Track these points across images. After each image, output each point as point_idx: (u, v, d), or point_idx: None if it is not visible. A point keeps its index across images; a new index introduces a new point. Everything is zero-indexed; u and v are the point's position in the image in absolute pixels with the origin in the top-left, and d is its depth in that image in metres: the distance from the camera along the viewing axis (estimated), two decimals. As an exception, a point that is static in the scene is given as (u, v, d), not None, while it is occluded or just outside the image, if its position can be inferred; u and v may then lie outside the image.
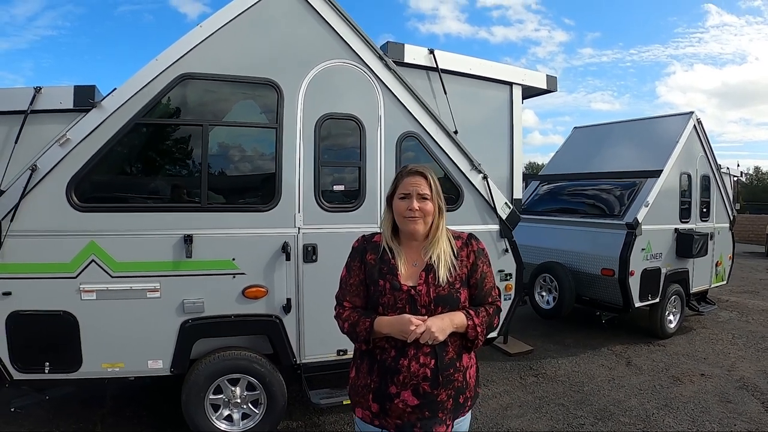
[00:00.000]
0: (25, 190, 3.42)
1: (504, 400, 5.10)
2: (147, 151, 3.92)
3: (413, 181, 2.11)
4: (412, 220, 2.08)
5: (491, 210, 4.69)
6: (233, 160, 4.10)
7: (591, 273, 7.00)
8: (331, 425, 4.45)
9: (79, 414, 4.43)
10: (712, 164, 8.18)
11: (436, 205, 2.12)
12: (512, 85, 4.90)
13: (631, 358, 6.47)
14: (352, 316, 2.10)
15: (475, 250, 2.18)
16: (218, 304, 3.82)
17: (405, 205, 2.09)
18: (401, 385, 2.00)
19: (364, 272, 2.15)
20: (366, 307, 2.14)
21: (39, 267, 3.49)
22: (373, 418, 2.10)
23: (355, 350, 2.22)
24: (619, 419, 4.72)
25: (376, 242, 2.20)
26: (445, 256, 2.10)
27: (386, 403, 2.03)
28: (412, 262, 2.14)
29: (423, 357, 2.00)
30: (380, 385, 2.04)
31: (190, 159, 3.91)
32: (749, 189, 35.78)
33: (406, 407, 2.00)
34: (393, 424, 2.05)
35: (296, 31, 4.02)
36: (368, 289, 2.13)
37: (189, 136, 3.86)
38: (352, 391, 2.20)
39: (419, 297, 2.04)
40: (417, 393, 2.00)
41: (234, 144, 4.07)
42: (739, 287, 11.49)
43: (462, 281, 2.12)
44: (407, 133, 4.33)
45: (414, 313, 2.00)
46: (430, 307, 2.03)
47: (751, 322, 8.52)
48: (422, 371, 1.99)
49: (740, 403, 5.13)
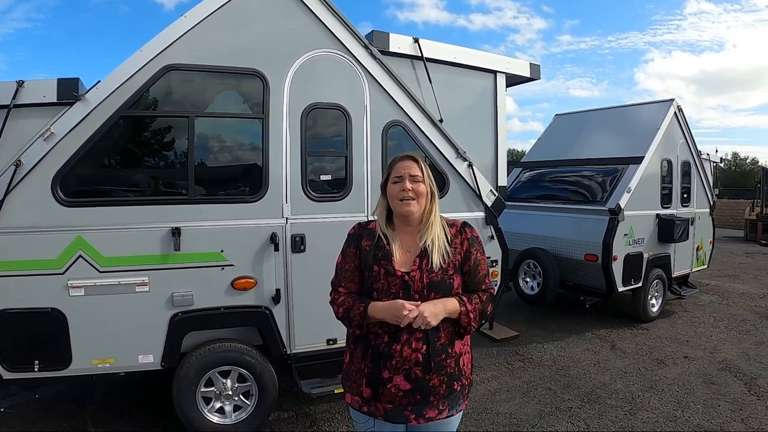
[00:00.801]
0: (9, 186, 3.36)
1: (492, 385, 5.17)
2: (133, 144, 3.87)
3: (404, 165, 2.18)
4: (406, 203, 2.12)
5: (477, 197, 4.73)
6: (220, 152, 4.07)
7: (574, 258, 7.09)
8: (322, 414, 4.47)
9: (70, 412, 4.39)
10: (692, 150, 8.30)
11: (428, 187, 2.17)
12: (496, 74, 4.92)
13: (615, 341, 6.58)
14: (347, 301, 2.13)
15: (469, 238, 2.23)
16: (208, 296, 3.81)
17: (398, 188, 2.14)
18: (394, 370, 2.03)
19: (359, 258, 2.18)
20: (361, 293, 2.17)
21: (25, 264, 3.44)
22: (362, 405, 2.14)
23: (348, 336, 2.25)
24: (606, 402, 4.81)
25: (371, 229, 2.23)
26: (439, 242, 2.14)
27: (379, 387, 2.06)
28: (406, 248, 2.17)
29: (415, 342, 2.03)
30: (373, 370, 2.07)
31: (177, 151, 3.87)
32: (727, 174, 36.34)
33: (398, 392, 2.04)
34: (383, 409, 2.09)
35: (281, 21, 3.99)
36: (363, 275, 2.16)
37: (175, 128, 3.82)
38: (344, 376, 2.23)
39: (413, 283, 2.07)
40: (409, 378, 2.03)
41: (220, 135, 4.04)
42: (719, 271, 11.72)
43: (455, 268, 2.15)
44: (393, 122, 4.34)
45: (407, 299, 2.03)
46: (424, 292, 2.06)
47: (731, 305, 8.69)
48: (414, 356, 2.03)
49: (724, 384, 5.24)
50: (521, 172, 8.94)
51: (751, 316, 7.93)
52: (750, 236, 18.70)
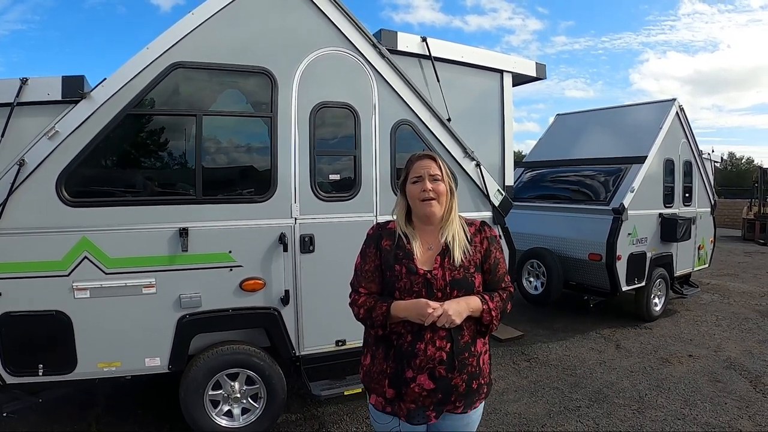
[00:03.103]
0: (12, 185, 3.29)
1: (499, 385, 5.14)
2: (139, 143, 3.81)
3: (423, 164, 2.16)
4: (427, 204, 2.11)
5: (484, 197, 4.69)
6: (227, 151, 4.01)
7: (578, 258, 7.07)
8: (330, 416, 4.43)
9: (74, 415, 4.33)
10: (694, 150, 8.30)
11: (447, 186, 2.16)
12: (503, 73, 4.88)
13: (620, 341, 6.57)
14: (368, 301, 2.10)
15: (489, 237, 2.23)
16: (216, 298, 3.75)
17: (419, 188, 2.13)
18: (418, 369, 2.02)
19: (379, 258, 2.15)
20: (382, 293, 2.14)
21: (29, 266, 3.37)
22: (386, 405, 2.12)
23: (367, 337, 2.23)
24: (614, 401, 4.80)
25: (391, 229, 2.21)
26: (459, 239, 2.14)
27: (402, 387, 2.04)
28: (427, 246, 2.16)
29: (439, 341, 2.02)
30: (396, 370, 2.06)
31: (184, 150, 3.82)
32: (724, 174, 36.42)
33: (422, 391, 2.03)
34: (406, 409, 2.07)
35: (290, 19, 3.95)
36: (384, 275, 2.13)
37: (182, 127, 3.77)
38: (366, 377, 2.21)
39: (435, 281, 2.05)
40: (433, 377, 2.02)
41: (228, 134, 3.99)
42: (719, 270, 11.73)
43: (476, 266, 2.14)
44: (401, 121, 4.30)
45: (430, 297, 2.02)
46: (446, 290, 2.05)
47: (732, 303, 8.71)
48: (438, 354, 2.02)
49: (729, 382, 5.24)
50: (523, 172, 8.91)
51: (753, 315, 7.95)
52: (748, 235, 18.75)
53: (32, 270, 3.38)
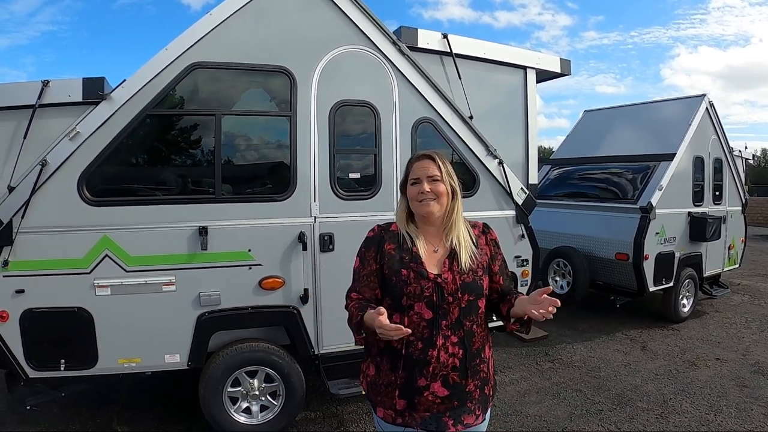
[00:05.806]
0: (35, 185, 3.35)
1: (522, 386, 5.07)
2: (159, 143, 3.85)
3: (422, 165, 2.10)
4: (425, 203, 2.05)
5: (507, 195, 4.62)
6: (247, 150, 4.03)
7: (605, 257, 6.95)
8: (349, 414, 4.42)
9: (95, 410, 4.40)
10: (724, 147, 8.09)
11: (447, 186, 2.08)
12: (526, 69, 4.80)
13: (646, 342, 6.43)
14: (352, 309, 2.04)
15: (493, 239, 2.21)
16: (235, 296, 3.77)
17: (416, 190, 2.07)
18: (431, 377, 1.96)
19: (378, 262, 2.09)
20: (377, 299, 2.09)
21: (52, 263, 3.43)
22: (396, 417, 2.04)
23: (370, 348, 2.13)
24: (637, 404, 4.69)
25: (393, 231, 2.15)
26: (465, 241, 2.09)
27: (415, 397, 1.98)
28: (432, 248, 2.10)
29: (452, 347, 1.97)
30: (407, 380, 1.98)
31: (203, 149, 3.84)
32: (757, 171, 35.55)
33: (436, 399, 1.97)
34: (419, 418, 2.01)
35: (308, 18, 3.93)
36: (389, 281, 2.06)
37: (201, 127, 3.79)
38: (372, 390, 2.11)
39: (446, 285, 2.00)
40: (446, 383, 1.97)
41: (247, 133, 4.00)
42: (750, 270, 11.41)
43: (483, 269, 2.10)
44: (422, 119, 4.25)
45: (441, 302, 1.97)
46: (457, 295, 2.00)
47: (763, 305, 8.46)
48: (451, 361, 1.97)
49: (756, 388, 5.09)
50: (550, 170, 8.79)
51: (784, 318, 7.71)
52: (781, 234, 18.27)
53: (54, 268, 3.44)
